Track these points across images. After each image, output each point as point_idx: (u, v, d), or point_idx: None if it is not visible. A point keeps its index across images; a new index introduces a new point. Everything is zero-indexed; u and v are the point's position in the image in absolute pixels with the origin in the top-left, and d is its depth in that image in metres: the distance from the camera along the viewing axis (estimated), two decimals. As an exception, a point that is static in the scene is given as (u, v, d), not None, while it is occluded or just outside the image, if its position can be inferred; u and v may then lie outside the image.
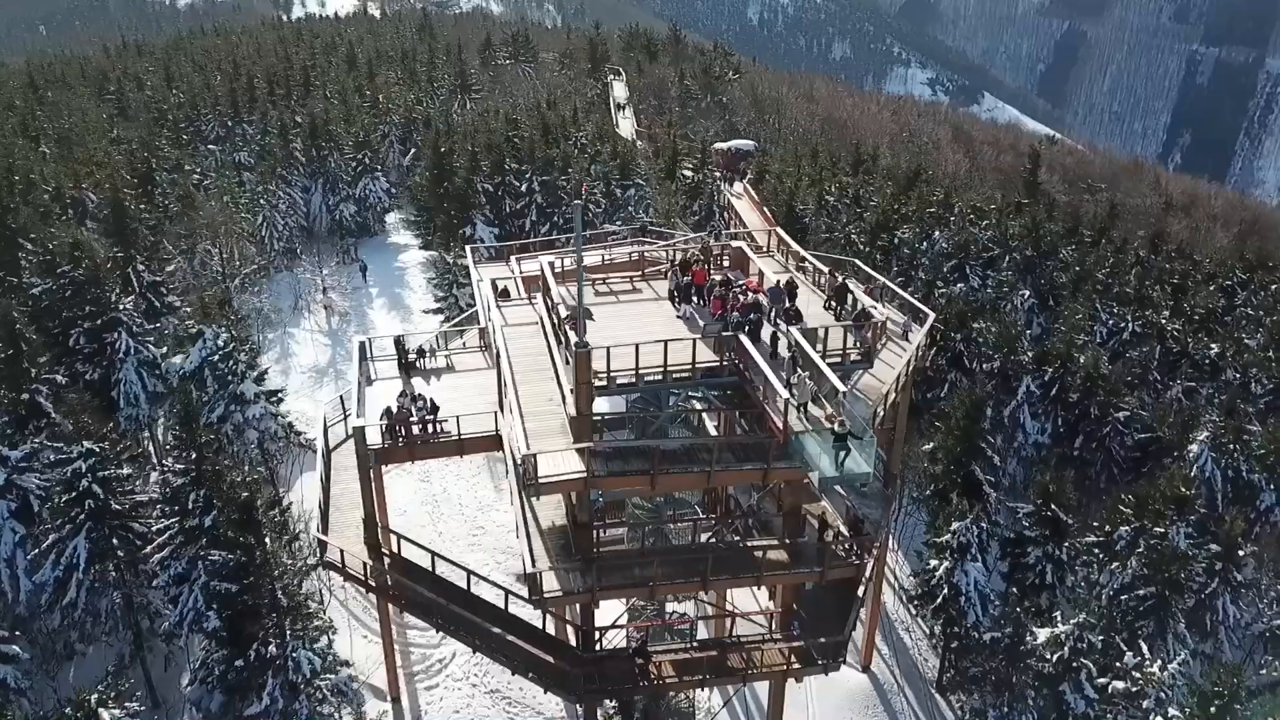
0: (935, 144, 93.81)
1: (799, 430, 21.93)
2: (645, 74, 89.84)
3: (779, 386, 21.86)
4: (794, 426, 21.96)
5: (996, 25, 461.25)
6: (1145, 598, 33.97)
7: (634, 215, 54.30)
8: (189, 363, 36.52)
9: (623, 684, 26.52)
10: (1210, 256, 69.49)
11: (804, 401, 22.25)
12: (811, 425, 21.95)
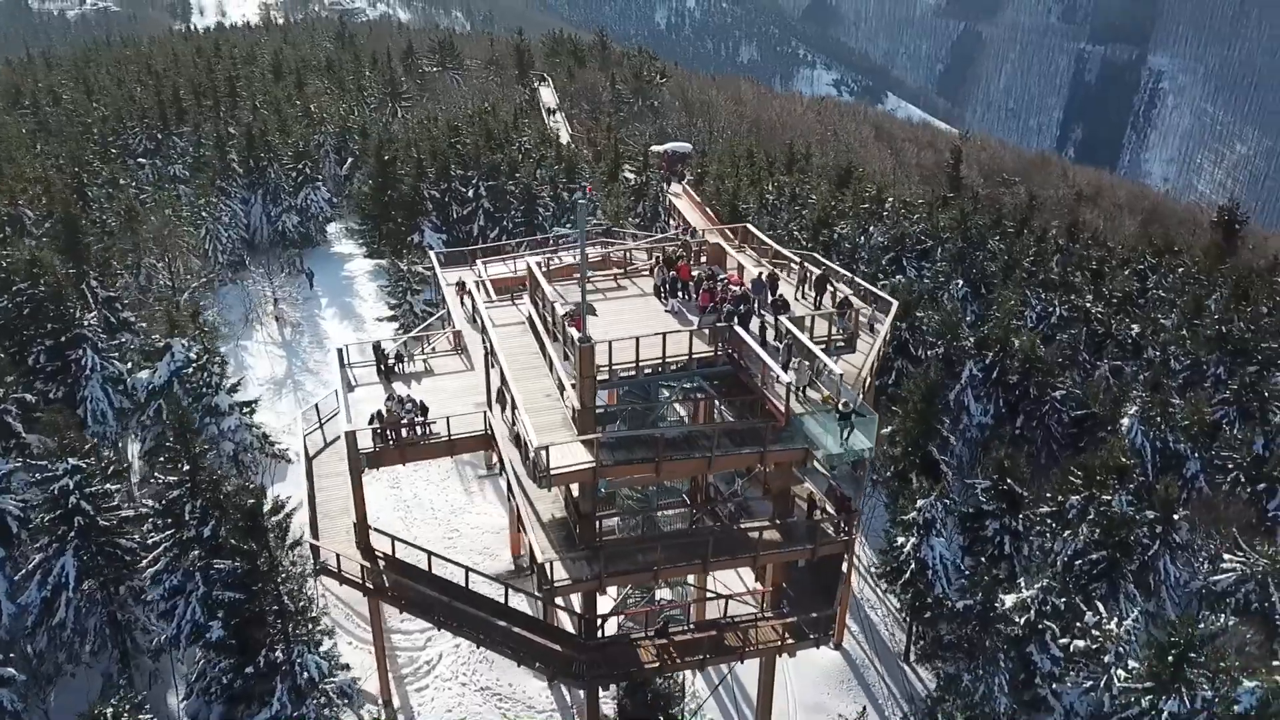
0: (861, 142, 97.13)
1: (800, 412, 23.18)
2: (576, 79, 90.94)
3: (780, 372, 23.11)
4: (795, 409, 23.21)
5: (896, 27, 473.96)
6: (1097, 561, 36.31)
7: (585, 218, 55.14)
8: (158, 377, 36.16)
9: (627, 667, 27.44)
10: (1121, 243, 73.52)
11: (803, 385, 23.54)
12: (812, 407, 23.24)
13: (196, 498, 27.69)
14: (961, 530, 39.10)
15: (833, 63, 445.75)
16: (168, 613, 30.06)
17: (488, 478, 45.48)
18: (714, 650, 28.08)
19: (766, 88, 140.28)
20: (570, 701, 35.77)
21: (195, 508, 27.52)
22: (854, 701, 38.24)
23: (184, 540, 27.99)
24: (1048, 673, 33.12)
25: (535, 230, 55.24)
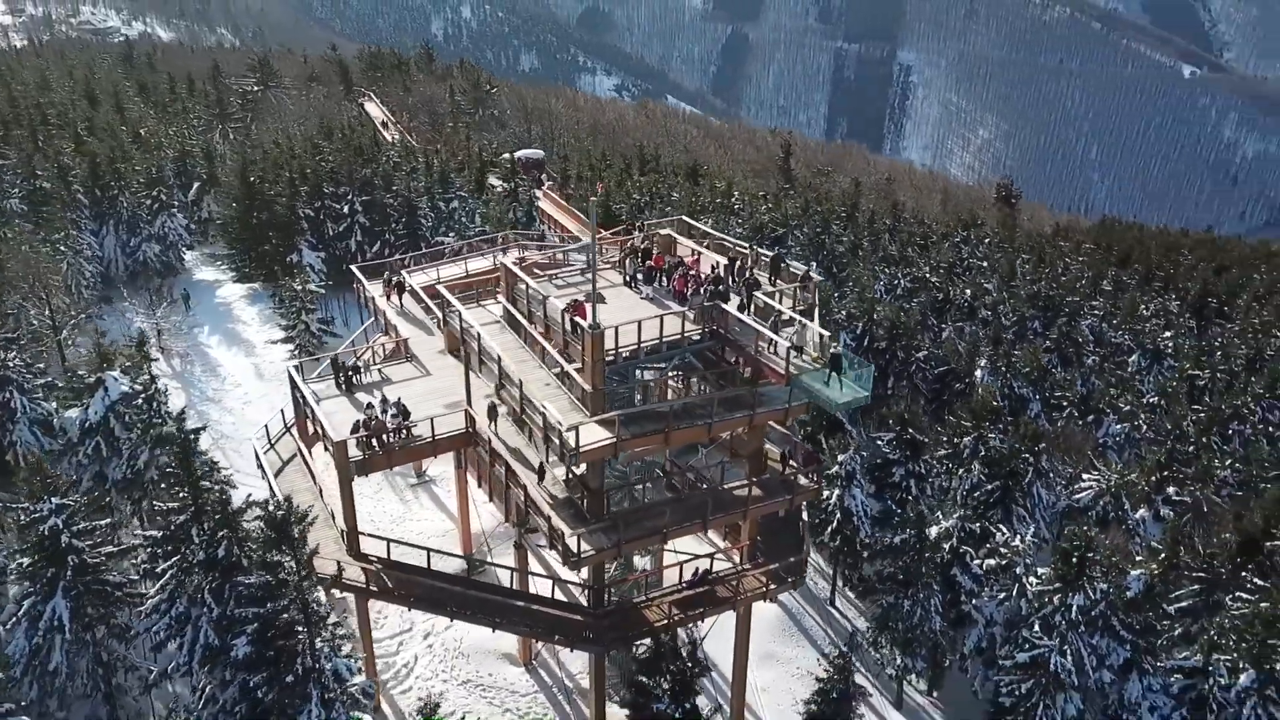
0: (691, 142, 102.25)
1: (798, 372, 26.39)
2: (413, 92, 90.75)
3: (778, 338, 26.27)
4: (793, 370, 26.42)
5: (668, 32, 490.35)
6: (991, 491, 41.76)
7: (466, 226, 56.37)
8: (93, 413, 34.97)
9: (638, 629, 29.80)
10: (935, 220, 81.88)
11: (799, 348, 26.73)
12: (807, 366, 26.49)
13: (202, 521, 27.64)
14: (870, 479, 43.76)
15: (612, 68, 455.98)
16: (161, 645, 29.73)
17: (419, 485, 46.24)
18: (711, 603, 30.90)
19: (589, 94, 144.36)
20: (550, 682, 37.67)
21: (203, 530, 27.48)
22: (798, 646, 42.13)
23: (190, 565, 27.85)
24: (969, 590, 38.08)
25: (419, 241, 55.95)
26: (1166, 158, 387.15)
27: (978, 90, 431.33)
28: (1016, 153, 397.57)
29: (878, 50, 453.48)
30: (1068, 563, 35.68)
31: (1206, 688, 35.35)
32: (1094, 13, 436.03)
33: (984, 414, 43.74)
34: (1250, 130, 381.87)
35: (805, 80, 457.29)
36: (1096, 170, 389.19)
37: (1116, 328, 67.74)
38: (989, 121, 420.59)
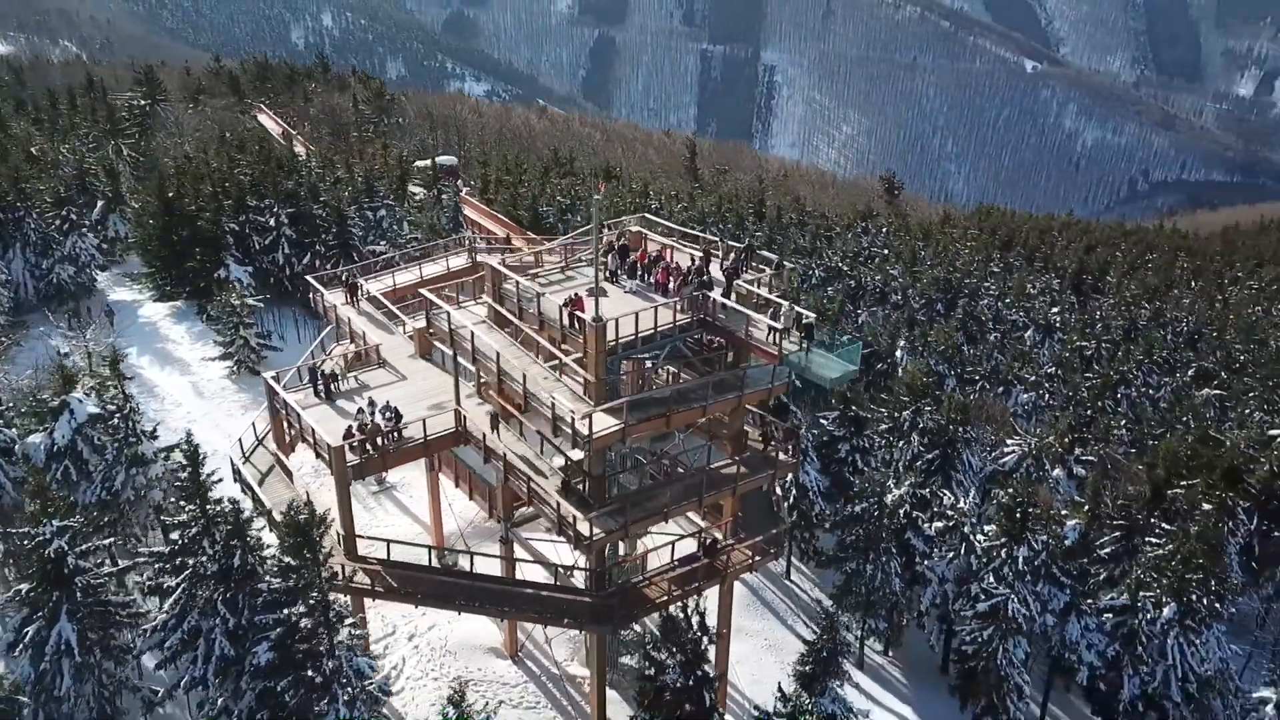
0: (600, 146, 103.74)
1: (789, 352, 28.38)
2: (313, 102, 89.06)
3: (771, 322, 28.22)
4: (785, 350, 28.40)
5: (535, 36, 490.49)
6: (932, 460, 44.88)
7: (397, 234, 56.52)
8: (59, 436, 34.16)
9: (642, 606, 31.30)
10: (833, 212, 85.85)
11: (789, 328, 28.71)
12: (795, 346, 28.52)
13: (213, 532, 27.66)
14: (818, 456, 46.33)
15: (481, 74, 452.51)
16: (167, 662, 29.58)
17: (381, 492, 46.44)
18: (707, 576, 32.65)
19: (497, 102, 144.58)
20: (538, 671, 38.70)
21: (215, 541, 27.52)
22: (763, 619, 44.32)
23: (202, 577, 27.82)
24: (922, 551, 40.97)
25: (350, 251, 55.79)
26: (1015, 148, 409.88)
27: (839, 88, 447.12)
28: (878, 147, 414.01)
29: (742, 51, 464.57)
30: (1011, 518, 38.97)
31: (1136, 623, 39.11)
32: (942, 11, 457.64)
33: (918, 390, 46.90)
34: (1088, 120, 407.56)
35: (674, 81, 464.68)
36: (952, 161, 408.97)
37: (1010, 306, 72.77)
38: (851, 118, 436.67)
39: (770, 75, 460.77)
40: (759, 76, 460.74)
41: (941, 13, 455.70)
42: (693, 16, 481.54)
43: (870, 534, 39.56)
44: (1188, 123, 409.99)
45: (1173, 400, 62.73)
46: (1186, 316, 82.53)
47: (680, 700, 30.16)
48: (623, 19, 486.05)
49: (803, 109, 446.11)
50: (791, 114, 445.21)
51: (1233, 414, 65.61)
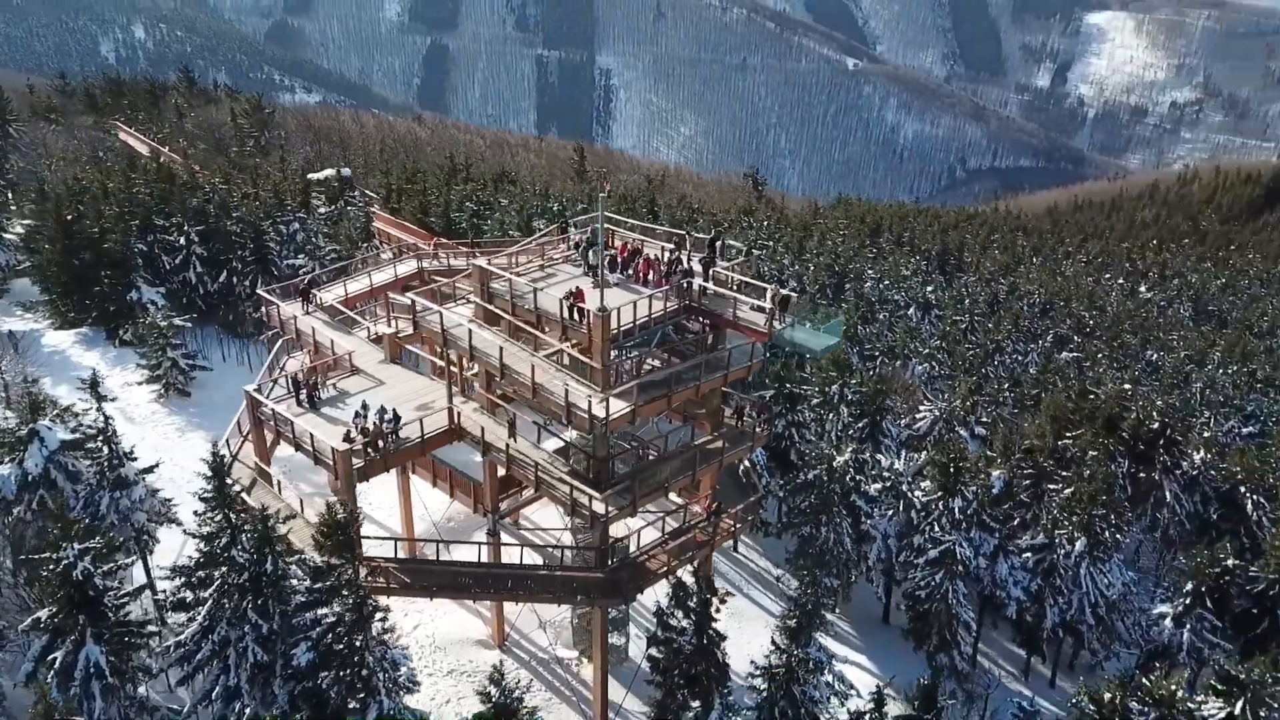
0: (486, 152, 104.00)
1: (779, 329, 31.09)
2: (188, 118, 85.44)
3: (760, 303, 30.85)
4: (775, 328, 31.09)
5: (365, 46, 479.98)
6: (862, 429, 48.69)
7: (317, 247, 56.18)
8: (32, 465, 33.19)
9: (648, 578, 33.39)
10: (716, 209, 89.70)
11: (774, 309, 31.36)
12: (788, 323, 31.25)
13: (236, 543, 27.89)
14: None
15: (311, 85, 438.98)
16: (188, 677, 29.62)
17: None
18: (696, 546, 35.00)
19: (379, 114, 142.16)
20: (527, 658, 40.11)
21: (245, 548, 27.79)
22: (726, 587, 46.93)
23: (233, 586, 28.00)
24: (866, 511, 44.56)
25: (269, 266, 55.17)
26: (844, 142, 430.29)
27: (674, 90, 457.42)
28: (716, 146, 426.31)
29: (577, 56, 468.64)
30: (945, 474, 43.09)
31: (1053, 558, 43.89)
32: (766, 13, 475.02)
33: (843, 365, 50.66)
34: (908, 113, 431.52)
35: (511, 87, 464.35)
36: (787, 157, 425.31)
37: (890, 287, 78.34)
38: (689, 118, 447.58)
39: (607, 79, 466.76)
40: (596, 80, 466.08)
41: (766, 14, 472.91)
42: (526, 22, 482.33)
43: (824, 498, 42.81)
44: (996, 113, 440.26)
45: (1042, 364, 69.33)
46: (1038, 289, 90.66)
47: (695, 660, 32.58)
48: (455, 26, 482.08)
49: (641, 111, 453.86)
50: (630, 116, 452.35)
51: (1090, 373, 73.10)
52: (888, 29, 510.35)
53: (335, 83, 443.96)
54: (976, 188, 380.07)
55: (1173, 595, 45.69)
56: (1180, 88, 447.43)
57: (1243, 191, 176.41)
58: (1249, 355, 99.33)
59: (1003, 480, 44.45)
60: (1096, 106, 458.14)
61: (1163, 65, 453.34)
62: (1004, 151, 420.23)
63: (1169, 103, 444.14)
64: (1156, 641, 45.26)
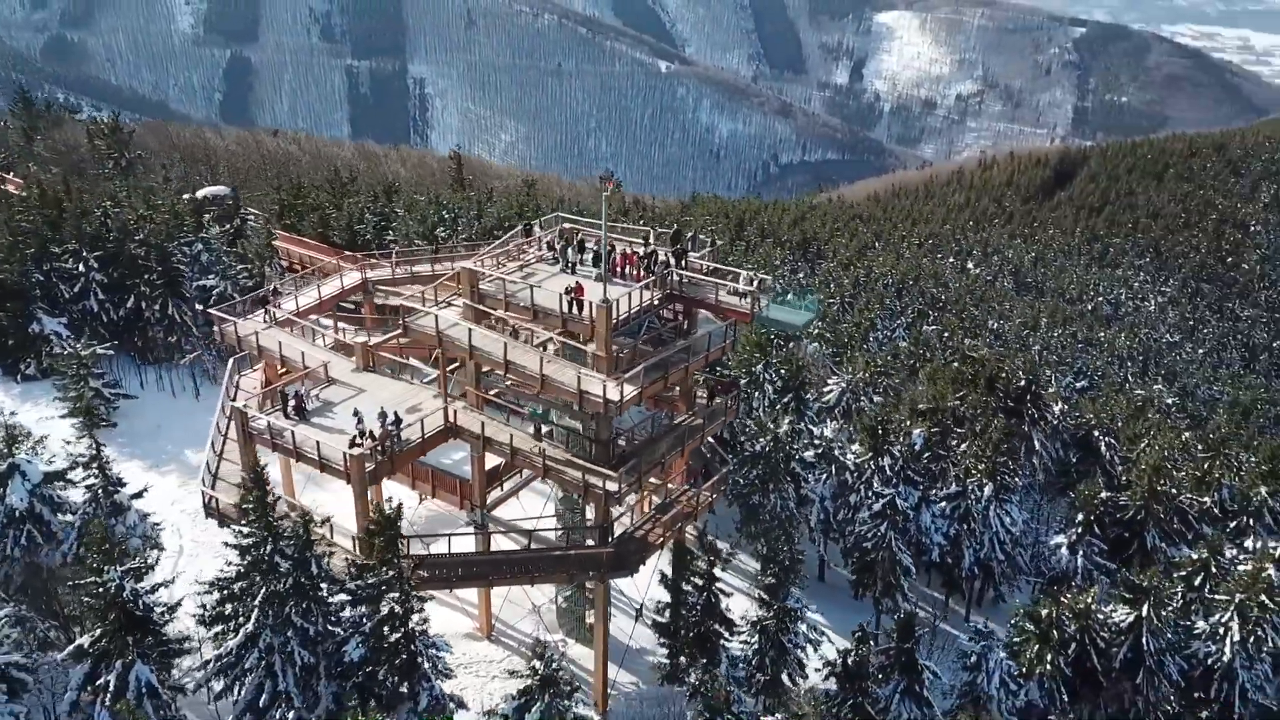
0: (359, 164, 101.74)
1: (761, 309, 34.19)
2: (37, 140, 79.41)
3: (739, 287, 33.90)
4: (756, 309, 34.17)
5: (158, 59, 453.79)
6: (788, 403, 52.60)
7: (228, 265, 55.13)
8: (17, 500, 32.13)
9: (648, 549, 35.83)
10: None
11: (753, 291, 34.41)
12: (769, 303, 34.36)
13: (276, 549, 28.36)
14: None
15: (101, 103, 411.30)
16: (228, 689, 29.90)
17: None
18: (688, 518, 37.74)
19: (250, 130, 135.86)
20: (516, 645, 41.65)
21: (287, 555, 28.29)
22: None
23: (276, 594, 28.45)
24: (804, 478, 48.42)
25: (179, 288, 53.78)
26: (663, 143, 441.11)
27: (491, 96, 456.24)
28: (538, 152, 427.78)
29: (389, 65, 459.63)
30: (874, 435, 47.58)
31: (966, 504, 49.09)
32: (577, 19, 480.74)
33: (763, 347, 54.43)
34: (721, 113, 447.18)
35: (322, 99, 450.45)
36: (609, 160, 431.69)
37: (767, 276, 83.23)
38: (508, 125, 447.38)
39: (421, 87, 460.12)
40: (410, 89, 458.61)
41: (577, 20, 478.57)
42: (332, 32, 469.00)
43: (771, 468, 46.33)
44: (802, 110, 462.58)
45: (913, 338, 75.90)
46: (890, 271, 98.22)
47: (703, 618, 35.34)
48: (255, 38, 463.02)
49: (459, 119, 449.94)
50: (448, 125, 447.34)
51: (951, 342, 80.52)
52: (695, 31, 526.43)
53: (128, 99, 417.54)
54: (789, 182, 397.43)
55: (1066, 527, 52.06)
56: (963, 81, 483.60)
57: (1036, 173, 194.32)
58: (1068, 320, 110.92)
59: (922, 438, 49.32)
60: (891, 100, 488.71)
61: (946, 60, 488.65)
62: (812, 146, 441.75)
63: (954, 95, 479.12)
64: (1055, 569, 51.40)
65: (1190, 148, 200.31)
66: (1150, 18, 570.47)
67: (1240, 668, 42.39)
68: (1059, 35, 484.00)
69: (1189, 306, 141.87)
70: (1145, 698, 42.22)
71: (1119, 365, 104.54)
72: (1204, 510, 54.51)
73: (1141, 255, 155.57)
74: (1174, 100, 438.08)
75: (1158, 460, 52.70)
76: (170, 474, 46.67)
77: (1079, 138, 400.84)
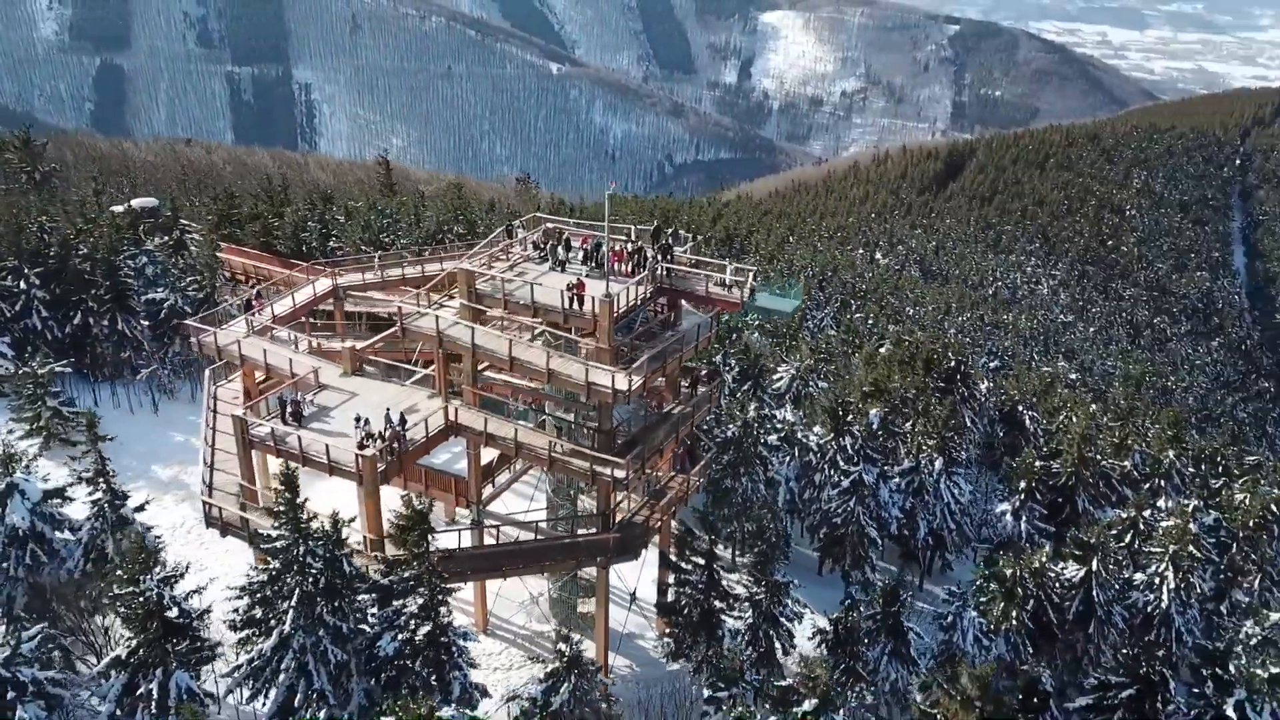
0: (286, 174, 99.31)
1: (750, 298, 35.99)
2: None
3: (735, 277, 35.66)
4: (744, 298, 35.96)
5: (18, 68, 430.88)
6: (746, 390, 54.67)
7: (177, 279, 54.16)
8: (19, 519, 31.50)
9: (649, 533, 37.30)
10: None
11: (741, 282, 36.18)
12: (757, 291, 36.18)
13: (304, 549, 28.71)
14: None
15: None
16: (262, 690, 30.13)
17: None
18: (676, 501, 39.33)
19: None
20: (513, 637, 42.54)
21: (318, 555, 28.66)
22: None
23: (308, 594, 28.79)
24: (769, 461, 50.54)
25: (126, 301, 52.60)
26: (558, 145, 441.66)
27: (380, 101, 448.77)
28: (433, 156, 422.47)
29: (272, 71, 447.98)
30: (835, 417, 50.03)
31: (920, 478, 52.02)
32: (465, 20, 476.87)
33: (721, 337, 56.42)
34: (614, 114, 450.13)
35: (202, 107, 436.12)
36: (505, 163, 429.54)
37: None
38: (400, 130, 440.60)
39: (307, 93, 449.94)
40: (295, 95, 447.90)
41: (465, 22, 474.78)
42: (209, 38, 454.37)
43: (743, 452, 48.27)
44: (694, 110, 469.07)
45: (845, 327, 79.21)
46: (810, 263, 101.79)
47: (707, 593, 37.00)
48: (128, 45, 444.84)
49: (349, 124, 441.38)
50: (338, 131, 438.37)
51: (876, 329, 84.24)
52: (584, 33, 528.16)
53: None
54: (685, 181, 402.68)
55: (1009, 495, 55.54)
56: (847, 78, 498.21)
57: (928, 166, 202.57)
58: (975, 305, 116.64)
59: (879, 417, 52.03)
60: (779, 99, 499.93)
61: (830, 59, 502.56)
62: (705, 145, 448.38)
63: (839, 92, 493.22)
64: (1001, 535, 54.79)
65: (1067, 138, 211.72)
66: (1019, 15, 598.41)
67: (1175, 613, 46.20)
68: (935, 33, 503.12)
69: (1077, 288, 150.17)
70: (1096, 645, 45.68)
71: (1024, 345, 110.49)
72: (1125, 474, 58.80)
73: (1031, 241, 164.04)
74: (1044, 93, 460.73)
75: (1085, 429, 56.56)
76: (140, 490, 45.83)
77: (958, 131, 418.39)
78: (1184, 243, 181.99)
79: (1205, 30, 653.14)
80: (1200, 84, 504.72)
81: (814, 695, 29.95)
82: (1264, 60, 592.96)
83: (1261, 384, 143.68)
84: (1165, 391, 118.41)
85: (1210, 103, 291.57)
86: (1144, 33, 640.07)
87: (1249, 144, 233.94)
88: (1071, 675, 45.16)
